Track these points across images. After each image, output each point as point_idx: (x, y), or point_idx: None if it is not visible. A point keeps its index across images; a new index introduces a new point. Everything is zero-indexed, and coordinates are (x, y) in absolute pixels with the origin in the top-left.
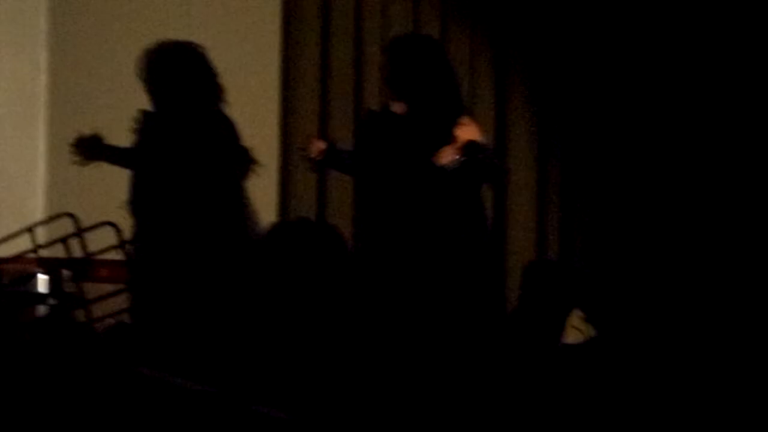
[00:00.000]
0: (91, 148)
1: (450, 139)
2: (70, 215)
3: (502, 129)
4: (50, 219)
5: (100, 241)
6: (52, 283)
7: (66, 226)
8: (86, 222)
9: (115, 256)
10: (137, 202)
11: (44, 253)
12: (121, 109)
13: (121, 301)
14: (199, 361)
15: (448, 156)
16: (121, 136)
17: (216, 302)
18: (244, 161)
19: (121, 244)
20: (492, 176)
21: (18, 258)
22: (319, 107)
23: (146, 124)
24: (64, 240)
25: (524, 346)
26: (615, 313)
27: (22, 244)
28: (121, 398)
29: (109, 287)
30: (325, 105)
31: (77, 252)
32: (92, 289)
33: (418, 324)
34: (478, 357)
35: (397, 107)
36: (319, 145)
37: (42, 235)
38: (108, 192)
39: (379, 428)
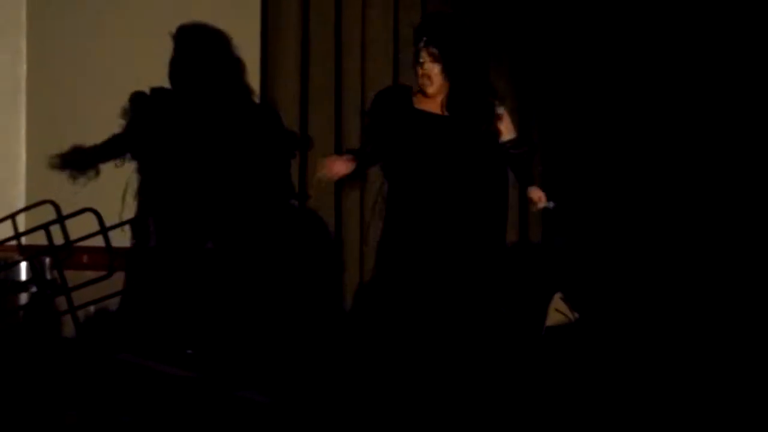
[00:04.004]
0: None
1: (491, 130)
2: (52, 202)
3: None
4: (31, 206)
5: (82, 227)
6: (34, 270)
7: (47, 213)
8: (67, 209)
9: (97, 242)
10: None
11: (26, 240)
12: (100, 97)
13: (103, 288)
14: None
15: (542, 201)
16: (101, 125)
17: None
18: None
19: (103, 231)
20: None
21: None
22: (299, 97)
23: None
24: (45, 227)
25: (507, 329)
26: (596, 295)
27: (4, 231)
28: (103, 384)
29: (90, 274)
30: (305, 95)
31: (59, 239)
32: (74, 277)
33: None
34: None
35: (427, 104)
36: (340, 170)
37: (23, 222)
38: (89, 179)
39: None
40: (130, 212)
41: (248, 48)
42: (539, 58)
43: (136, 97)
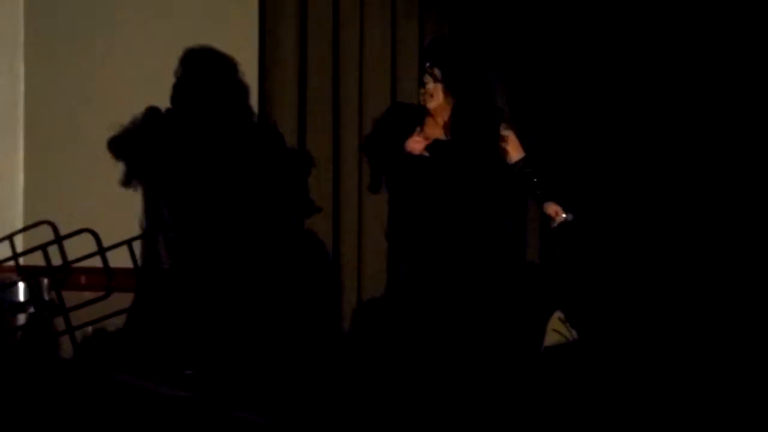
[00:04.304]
0: None
1: (496, 152)
2: (50, 223)
3: None
4: (29, 227)
5: (80, 248)
6: (32, 290)
7: (45, 234)
8: (65, 230)
9: (95, 263)
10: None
11: (23, 261)
12: (98, 118)
13: (100, 309)
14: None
15: (559, 218)
16: (99, 145)
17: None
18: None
19: (101, 251)
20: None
21: None
22: (296, 98)
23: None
24: (43, 248)
25: (506, 347)
26: (596, 314)
27: (1, 252)
28: (101, 405)
29: (88, 294)
30: (302, 96)
31: (57, 260)
32: (72, 297)
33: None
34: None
35: (432, 129)
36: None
37: (21, 242)
38: (87, 199)
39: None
40: (132, 232)
41: (246, 61)
42: (533, 66)
43: (137, 117)
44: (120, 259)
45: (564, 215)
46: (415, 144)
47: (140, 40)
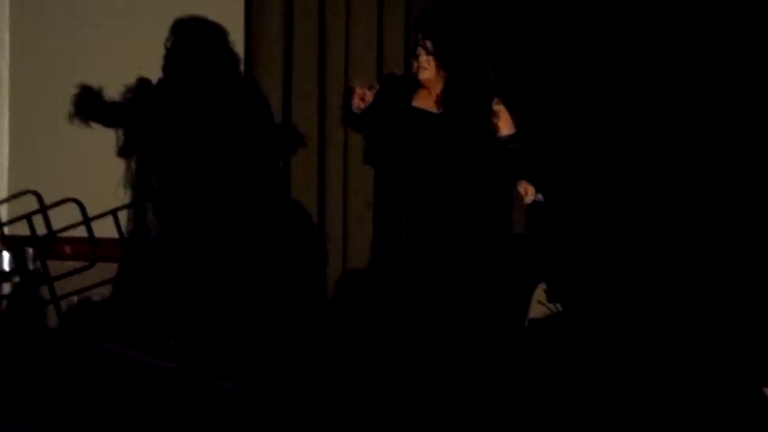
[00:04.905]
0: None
1: (487, 126)
2: (35, 193)
3: None
4: (14, 196)
5: (65, 218)
6: (17, 260)
7: (30, 204)
8: (50, 199)
9: (80, 233)
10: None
11: (8, 230)
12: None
13: (85, 279)
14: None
15: (529, 197)
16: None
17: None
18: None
19: (86, 221)
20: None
21: None
22: (282, 86)
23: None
24: (28, 217)
25: (491, 320)
26: (579, 287)
27: None
28: (86, 375)
29: (73, 264)
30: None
31: (41, 229)
32: (57, 267)
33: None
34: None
35: (424, 101)
36: (368, 98)
37: (5, 212)
38: (72, 169)
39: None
40: (117, 202)
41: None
42: (521, 47)
43: (124, 90)
44: (105, 229)
45: (534, 196)
46: (358, 99)
47: (129, 14)
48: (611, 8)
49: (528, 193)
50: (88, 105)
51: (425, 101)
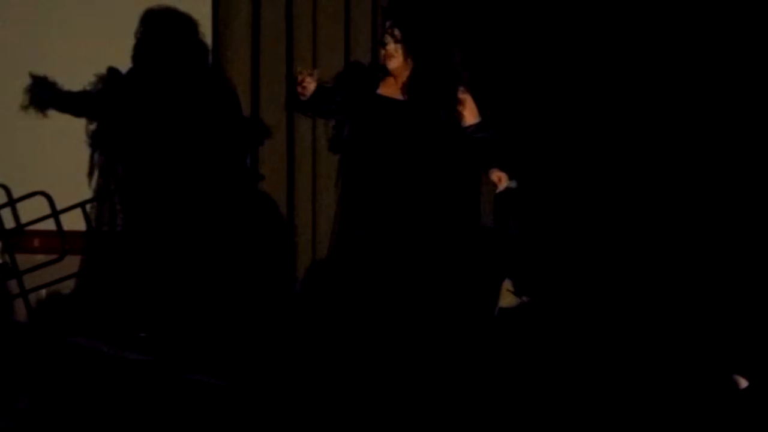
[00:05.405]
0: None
1: (452, 115)
2: (3, 186)
3: None
4: None
5: (33, 211)
6: None
7: None
8: (18, 192)
9: (48, 226)
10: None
11: None
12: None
13: (54, 271)
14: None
15: (503, 183)
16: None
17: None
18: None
19: (54, 214)
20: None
21: None
22: (250, 77)
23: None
24: None
25: (460, 310)
26: (546, 281)
27: None
28: (55, 368)
29: (42, 257)
30: (255, 75)
31: (9, 222)
32: (25, 260)
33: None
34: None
35: (390, 88)
36: (312, 85)
37: None
38: (40, 162)
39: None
40: (85, 194)
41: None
42: (489, 35)
43: (93, 80)
44: (74, 222)
45: (507, 182)
46: (300, 87)
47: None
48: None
49: (501, 180)
50: (42, 95)
51: (391, 89)
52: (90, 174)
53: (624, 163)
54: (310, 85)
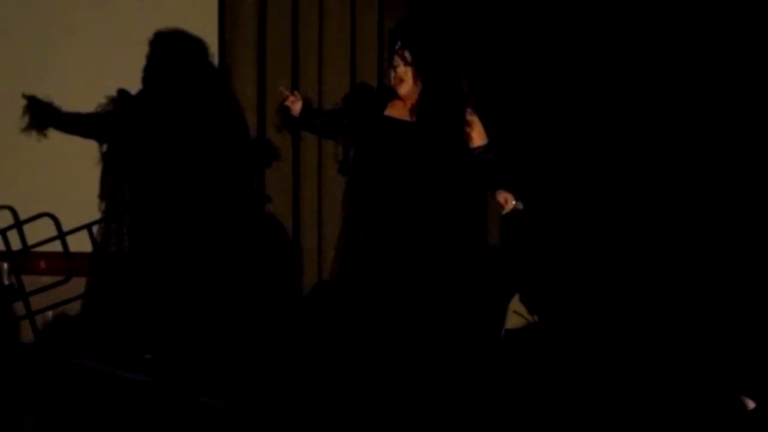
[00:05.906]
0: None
1: (460, 137)
2: (9, 208)
3: None
4: None
5: (40, 233)
6: None
7: (4, 219)
8: (25, 214)
9: (55, 248)
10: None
11: None
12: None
13: (60, 293)
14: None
15: (509, 206)
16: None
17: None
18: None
19: (60, 236)
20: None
21: None
22: (256, 96)
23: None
24: (2, 232)
25: (467, 331)
26: (555, 298)
27: None
28: (61, 389)
29: (48, 279)
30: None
31: (16, 244)
32: (32, 282)
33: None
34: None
35: (398, 110)
36: (298, 104)
37: None
38: (46, 184)
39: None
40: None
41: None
42: (496, 55)
43: (104, 102)
44: (80, 244)
45: (514, 203)
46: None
47: (99, 16)
48: (584, 20)
49: (507, 202)
50: (42, 117)
51: (399, 110)
52: (100, 196)
53: (629, 183)
54: (295, 105)
